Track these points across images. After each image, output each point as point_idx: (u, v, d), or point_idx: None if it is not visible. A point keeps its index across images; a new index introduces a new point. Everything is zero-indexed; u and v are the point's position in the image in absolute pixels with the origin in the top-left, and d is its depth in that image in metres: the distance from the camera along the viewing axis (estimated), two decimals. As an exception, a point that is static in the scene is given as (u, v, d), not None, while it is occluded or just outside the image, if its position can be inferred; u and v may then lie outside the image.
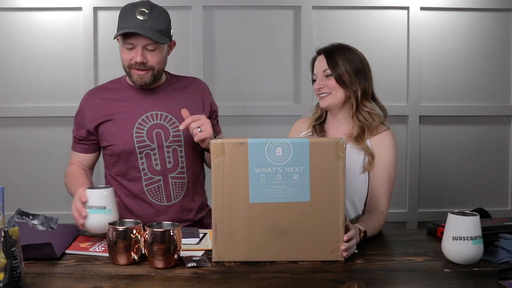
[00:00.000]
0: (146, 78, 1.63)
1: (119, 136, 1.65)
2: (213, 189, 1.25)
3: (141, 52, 1.58)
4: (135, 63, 1.60)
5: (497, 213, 2.11)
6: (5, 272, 1.00)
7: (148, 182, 1.68)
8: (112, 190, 1.39)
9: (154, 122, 1.67)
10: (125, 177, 1.70)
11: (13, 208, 1.47)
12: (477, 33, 2.64)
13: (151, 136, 1.65)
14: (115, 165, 1.70)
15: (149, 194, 1.68)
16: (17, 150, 2.58)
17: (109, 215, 1.35)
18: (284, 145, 1.24)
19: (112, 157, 1.70)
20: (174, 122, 1.67)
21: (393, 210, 2.58)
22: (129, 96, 1.70)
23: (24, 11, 2.53)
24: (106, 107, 1.69)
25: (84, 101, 1.74)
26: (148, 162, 1.67)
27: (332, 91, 1.64)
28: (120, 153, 1.66)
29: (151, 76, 1.64)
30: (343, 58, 1.63)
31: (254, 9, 2.57)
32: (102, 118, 1.68)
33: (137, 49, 1.58)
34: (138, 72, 1.62)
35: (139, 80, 1.64)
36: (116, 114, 1.67)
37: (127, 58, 1.61)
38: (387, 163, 1.62)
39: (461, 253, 1.24)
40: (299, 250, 1.26)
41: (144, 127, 1.66)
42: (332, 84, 1.64)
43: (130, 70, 1.64)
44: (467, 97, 2.66)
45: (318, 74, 1.67)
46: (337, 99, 1.65)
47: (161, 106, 1.69)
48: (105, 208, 1.35)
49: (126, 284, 1.12)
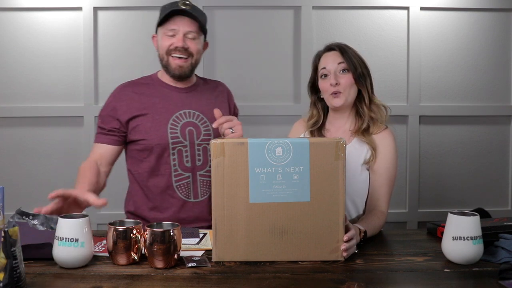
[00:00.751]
0: (185, 67, 1.68)
1: (153, 131, 1.68)
2: (213, 189, 1.25)
3: (182, 37, 1.64)
4: (175, 48, 1.65)
5: (497, 213, 2.11)
6: (5, 272, 0.99)
7: (177, 178, 1.70)
8: (87, 220, 1.21)
9: (186, 120, 1.70)
10: (154, 173, 1.70)
11: (13, 208, 1.48)
12: (477, 33, 2.64)
13: (184, 133, 1.69)
14: (145, 160, 1.70)
15: (178, 190, 1.70)
16: (17, 150, 2.58)
17: (81, 249, 1.18)
18: (284, 145, 1.24)
19: (143, 152, 1.70)
20: (205, 121, 1.72)
21: (393, 210, 2.59)
22: (162, 93, 1.74)
23: (24, 11, 2.54)
24: (140, 101, 1.71)
25: (115, 93, 1.75)
26: (180, 159, 1.69)
27: (347, 89, 1.63)
28: (153, 148, 1.68)
29: (189, 65, 1.68)
30: (355, 55, 1.65)
31: (254, 9, 2.57)
32: (136, 112, 1.70)
33: (178, 35, 1.64)
34: (177, 61, 1.66)
35: (177, 69, 1.68)
36: (150, 109, 1.70)
37: (166, 44, 1.66)
38: (387, 163, 1.62)
39: (461, 253, 1.24)
40: (299, 250, 1.26)
41: (178, 124, 1.70)
42: (349, 81, 1.63)
43: (168, 58, 1.68)
44: (467, 97, 2.66)
45: (331, 70, 1.64)
46: (351, 96, 1.65)
47: (193, 105, 1.73)
48: (77, 240, 1.18)
49: (126, 284, 1.12)
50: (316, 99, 1.75)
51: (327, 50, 1.69)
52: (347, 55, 1.63)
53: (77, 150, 2.59)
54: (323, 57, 1.68)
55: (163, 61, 1.71)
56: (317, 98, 1.74)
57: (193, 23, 1.66)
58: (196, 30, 1.68)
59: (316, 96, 1.74)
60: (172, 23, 1.65)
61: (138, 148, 1.71)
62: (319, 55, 1.71)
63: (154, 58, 2.56)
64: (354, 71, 1.62)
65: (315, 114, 1.75)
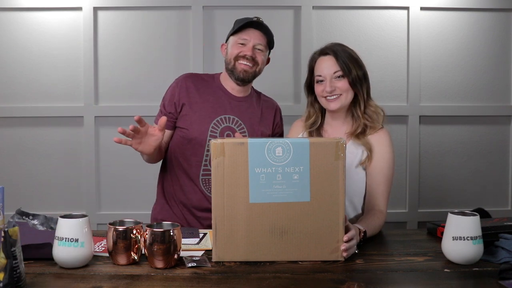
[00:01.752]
0: (250, 72, 1.80)
1: (196, 125, 1.79)
2: (213, 189, 1.25)
3: (252, 47, 1.79)
4: (244, 56, 1.78)
5: (497, 213, 2.11)
6: (5, 272, 1.00)
7: (205, 172, 1.79)
8: (87, 220, 1.21)
9: (227, 124, 1.81)
10: (186, 161, 1.80)
11: (13, 208, 1.48)
12: (477, 33, 2.64)
13: (223, 135, 1.80)
14: (184, 146, 1.81)
15: (202, 182, 1.80)
16: (17, 150, 2.58)
17: (81, 249, 1.18)
18: (284, 145, 1.24)
19: (183, 139, 1.81)
20: (242, 127, 1.83)
21: (393, 210, 2.59)
22: (217, 94, 1.85)
23: (24, 11, 2.53)
24: (195, 92, 1.82)
25: (179, 80, 1.86)
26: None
27: (344, 93, 1.64)
28: (191, 139, 1.79)
29: (253, 72, 1.81)
30: (351, 60, 1.64)
31: (254, 9, 2.57)
32: (187, 101, 1.81)
33: (248, 45, 1.79)
34: (243, 66, 1.79)
35: (242, 73, 1.80)
36: (201, 103, 1.81)
37: (236, 51, 1.80)
38: (383, 162, 1.62)
39: (461, 253, 1.24)
40: (299, 250, 1.26)
41: (219, 126, 1.80)
42: (345, 86, 1.63)
43: (235, 62, 1.80)
44: (467, 97, 2.66)
45: (327, 76, 1.64)
46: (347, 100, 1.65)
47: (239, 114, 1.84)
48: (77, 240, 1.18)
49: (126, 284, 1.12)
50: (313, 99, 1.75)
51: (322, 54, 1.68)
52: (342, 60, 1.63)
53: (77, 150, 2.59)
54: (318, 62, 1.68)
55: (230, 65, 1.82)
56: (314, 98, 1.74)
57: (263, 37, 1.82)
58: (264, 44, 1.82)
59: (313, 96, 1.74)
60: (245, 33, 1.80)
61: (181, 134, 1.82)
62: (314, 59, 1.70)
63: (154, 58, 2.58)
64: (349, 77, 1.63)
65: (312, 114, 1.75)
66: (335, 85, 1.63)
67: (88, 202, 2.58)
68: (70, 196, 2.60)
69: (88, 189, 2.58)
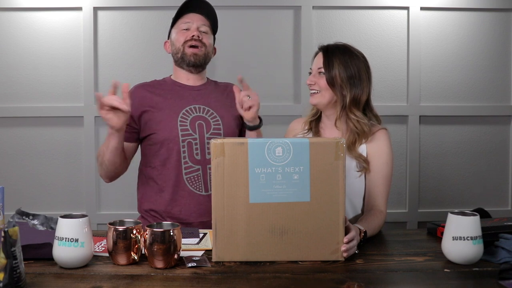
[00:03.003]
0: (200, 55, 1.76)
1: (164, 124, 1.73)
2: (213, 189, 1.25)
3: (196, 29, 1.77)
4: (191, 38, 1.75)
5: (497, 213, 2.12)
6: (5, 272, 1.00)
7: (187, 170, 1.73)
8: (87, 220, 1.21)
9: (196, 114, 1.76)
10: (165, 166, 1.73)
11: (13, 208, 1.48)
12: (477, 33, 2.64)
13: (194, 126, 1.75)
14: (157, 154, 1.74)
15: (188, 182, 1.73)
16: (17, 150, 2.58)
17: (81, 249, 1.19)
18: (284, 145, 1.24)
19: (154, 146, 1.75)
20: (215, 116, 1.78)
21: (393, 210, 2.59)
22: (174, 91, 1.81)
23: (24, 11, 2.53)
24: (152, 97, 1.78)
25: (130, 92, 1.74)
26: (190, 152, 1.73)
27: (322, 90, 1.64)
28: (163, 141, 1.73)
29: (203, 55, 1.78)
30: (340, 60, 1.61)
31: (254, 9, 2.57)
32: (147, 107, 1.76)
33: (192, 27, 1.77)
34: (192, 49, 1.76)
35: (193, 56, 1.76)
36: (161, 103, 1.76)
37: (182, 38, 1.77)
38: (382, 162, 1.62)
39: (461, 253, 1.24)
40: (299, 250, 1.26)
41: (187, 117, 1.75)
42: (323, 84, 1.64)
43: (184, 48, 1.76)
44: (467, 97, 2.66)
45: (313, 70, 1.68)
46: (325, 99, 1.65)
47: (203, 101, 1.79)
48: (77, 240, 1.18)
49: (126, 284, 1.12)
50: None
51: (318, 49, 1.70)
52: (328, 61, 1.62)
53: (77, 150, 2.59)
54: (315, 57, 1.71)
55: (179, 53, 1.78)
56: None
57: (206, 20, 1.81)
58: (208, 25, 1.81)
59: None
60: (186, 17, 1.78)
61: (150, 143, 1.76)
62: (315, 54, 1.73)
63: (154, 58, 2.58)
64: (328, 78, 1.61)
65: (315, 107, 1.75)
66: (316, 80, 1.65)
67: (88, 202, 2.58)
68: (70, 196, 2.60)
69: (88, 189, 2.58)
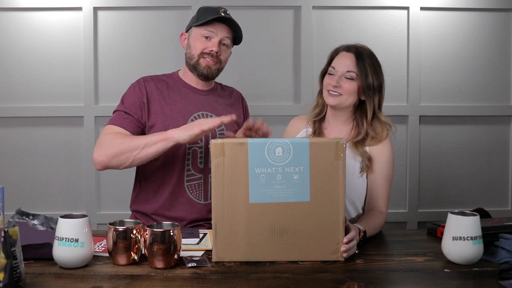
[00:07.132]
0: (213, 69, 1.72)
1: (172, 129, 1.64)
2: (213, 189, 1.25)
3: (217, 43, 1.69)
4: (209, 52, 1.69)
5: (497, 213, 2.12)
6: (5, 272, 1.00)
7: (189, 178, 1.70)
8: (87, 220, 1.21)
9: None
10: (167, 170, 1.69)
11: (13, 208, 1.48)
12: (477, 33, 2.63)
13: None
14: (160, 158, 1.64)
15: (189, 190, 1.70)
16: (17, 150, 2.58)
17: (81, 249, 1.19)
18: (284, 145, 1.24)
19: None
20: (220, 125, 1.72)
21: (393, 210, 2.58)
22: (183, 93, 1.76)
23: (24, 11, 2.53)
24: (161, 97, 1.71)
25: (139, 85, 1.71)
26: (194, 160, 1.70)
27: (346, 94, 1.62)
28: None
29: (216, 70, 1.74)
30: (372, 69, 1.61)
31: (254, 9, 2.57)
32: (156, 107, 1.69)
33: (214, 40, 1.69)
34: (207, 61, 1.70)
35: (206, 69, 1.71)
36: (170, 106, 1.70)
37: (201, 47, 1.70)
38: (384, 163, 1.62)
39: (461, 253, 1.24)
40: (299, 250, 1.26)
41: None
42: (351, 88, 1.61)
43: (199, 58, 1.71)
44: (467, 97, 2.66)
45: (338, 71, 1.63)
46: (348, 102, 1.64)
47: (211, 108, 1.76)
48: (77, 240, 1.18)
49: (126, 284, 1.12)
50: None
51: (346, 49, 1.66)
52: (362, 64, 1.60)
53: (77, 150, 2.59)
54: (339, 55, 1.66)
55: (193, 61, 1.72)
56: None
57: (230, 32, 1.73)
58: (231, 38, 1.74)
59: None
60: (211, 26, 1.69)
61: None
62: (337, 51, 1.68)
63: (154, 58, 2.58)
64: (363, 81, 1.60)
65: (320, 103, 1.74)
66: (342, 84, 1.61)
67: (88, 202, 2.58)
68: (70, 196, 2.60)
69: (88, 189, 2.58)
